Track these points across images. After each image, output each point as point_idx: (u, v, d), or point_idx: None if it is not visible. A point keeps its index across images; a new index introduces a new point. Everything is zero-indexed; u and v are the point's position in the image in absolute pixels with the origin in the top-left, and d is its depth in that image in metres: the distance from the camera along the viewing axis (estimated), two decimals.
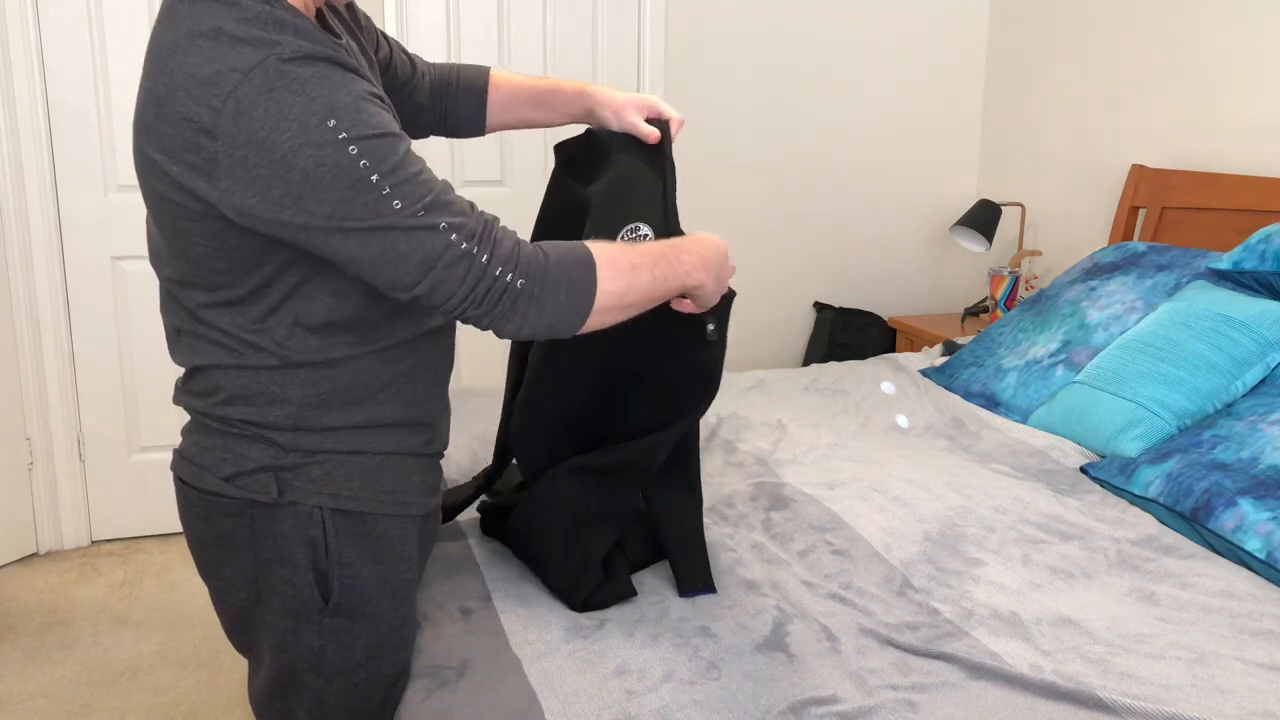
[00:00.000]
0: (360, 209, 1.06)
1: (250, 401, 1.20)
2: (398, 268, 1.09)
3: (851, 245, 3.64)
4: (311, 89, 1.04)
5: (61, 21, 2.78)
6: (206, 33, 1.06)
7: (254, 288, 1.16)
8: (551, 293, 1.15)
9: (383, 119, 1.09)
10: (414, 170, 1.09)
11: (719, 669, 1.31)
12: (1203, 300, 2.17)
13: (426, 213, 1.08)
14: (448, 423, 1.41)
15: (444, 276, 1.10)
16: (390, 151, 1.07)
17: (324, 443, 1.22)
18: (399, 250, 1.08)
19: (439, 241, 1.09)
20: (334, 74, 1.07)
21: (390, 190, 1.06)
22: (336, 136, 1.04)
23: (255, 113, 1.03)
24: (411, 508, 1.29)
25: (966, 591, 1.53)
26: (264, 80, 1.03)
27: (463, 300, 1.12)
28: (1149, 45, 2.93)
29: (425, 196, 1.09)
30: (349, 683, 1.29)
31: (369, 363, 1.23)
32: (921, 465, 2.01)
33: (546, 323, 1.17)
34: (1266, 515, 1.65)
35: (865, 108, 3.54)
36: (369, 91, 1.10)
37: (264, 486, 1.21)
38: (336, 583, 1.24)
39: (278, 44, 1.05)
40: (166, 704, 2.28)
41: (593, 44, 3.25)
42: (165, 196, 1.11)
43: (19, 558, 2.97)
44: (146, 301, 2.97)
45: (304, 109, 1.03)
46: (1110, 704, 1.24)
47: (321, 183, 1.04)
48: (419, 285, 1.11)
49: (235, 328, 1.18)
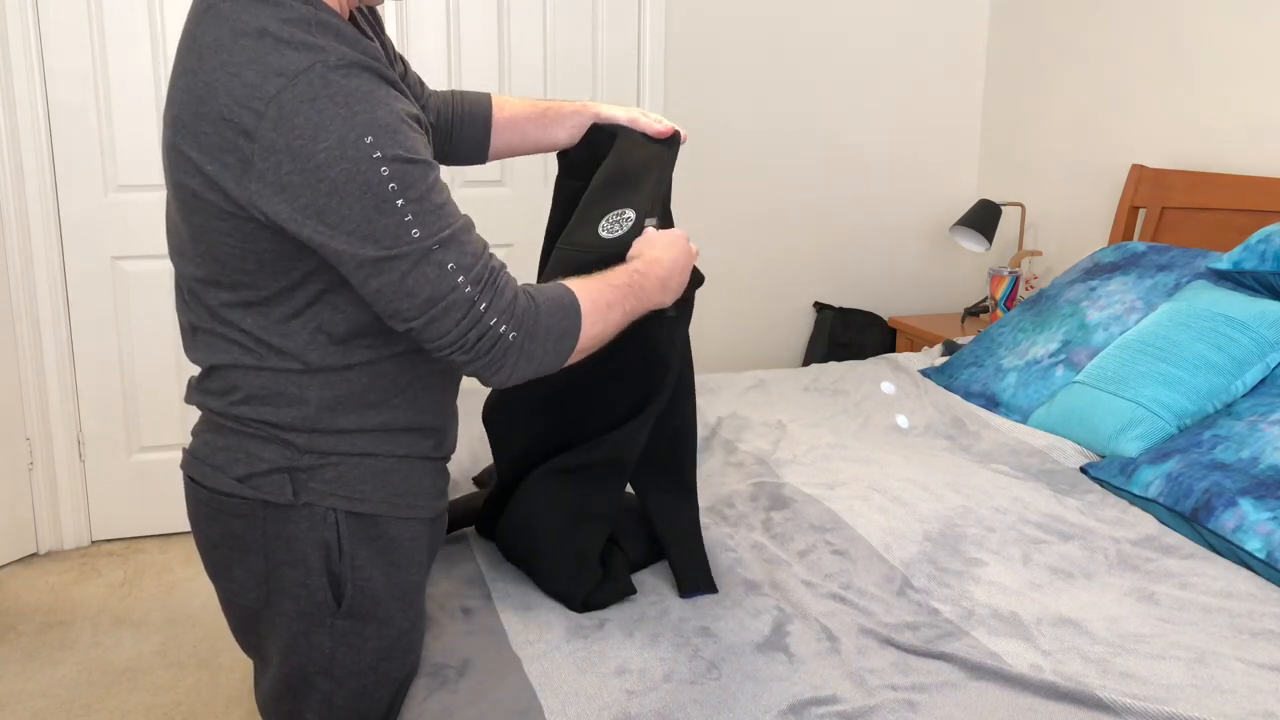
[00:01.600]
0: (380, 231, 1.07)
1: (268, 402, 1.20)
2: (402, 300, 1.10)
3: (851, 245, 3.64)
4: (355, 102, 1.05)
5: (61, 21, 2.78)
6: (251, 33, 1.05)
7: (279, 290, 1.16)
8: (540, 344, 1.18)
9: (418, 144, 1.10)
10: (438, 201, 1.10)
11: (719, 669, 1.31)
12: (1203, 300, 2.17)
13: (440, 247, 1.10)
14: (456, 427, 1.41)
15: (441, 316, 1.11)
16: (420, 178, 1.08)
17: (339, 445, 1.22)
18: (406, 285, 1.09)
19: (446, 283, 1.10)
20: (378, 89, 1.08)
21: (412, 217, 1.07)
22: (371, 155, 1.04)
23: (297, 120, 1.03)
24: (422, 510, 1.30)
25: (966, 591, 1.53)
26: (308, 88, 1.03)
27: (454, 343, 1.13)
28: (1149, 45, 2.93)
29: (444, 230, 1.10)
30: (359, 685, 1.29)
31: (386, 367, 1.23)
32: (921, 465, 2.01)
33: (530, 372, 1.19)
34: (1266, 515, 1.65)
35: (865, 107, 3.54)
36: (408, 113, 1.11)
37: (279, 488, 1.20)
38: (349, 585, 1.24)
39: (324, 50, 1.05)
40: (166, 704, 2.28)
41: (593, 46, 3.25)
42: (197, 194, 1.11)
43: (19, 558, 2.97)
44: (146, 301, 2.97)
45: (345, 122, 1.04)
46: (1110, 704, 1.24)
47: (349, 198, 1.05)
48: (416, 320, 1.12)
49: (257, 329, 1.18)
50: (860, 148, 3.57)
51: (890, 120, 3.58)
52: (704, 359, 3.53)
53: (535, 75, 3.19)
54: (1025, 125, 3.45)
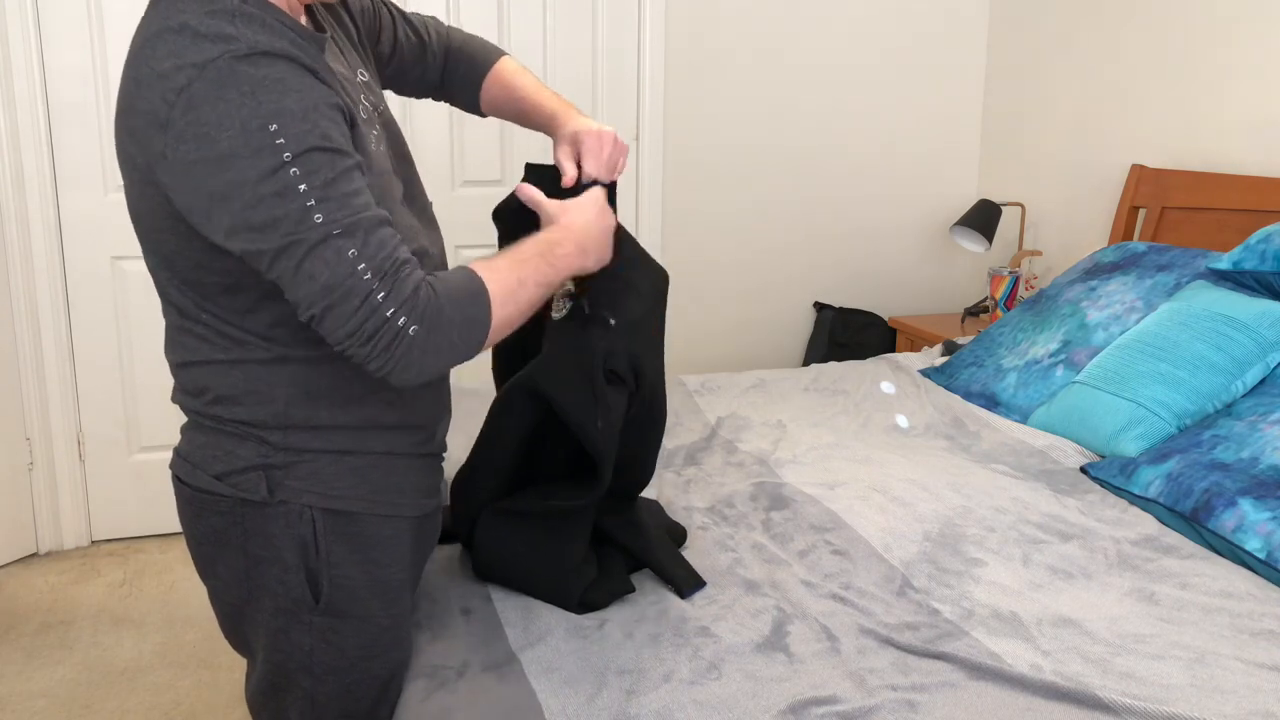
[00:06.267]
0: (282, 218, 1.05)
1: (239, 401, 1.20)
2: (302, 286, 1.07)
3: (851, 245, 3.64)
4: (262, 91, 1.04)
5: (61, 21, 2.78)
6: (174, 28, 1.07)
7: (226, 286, 1.16)
8: (445, 335, 1.12)
9: (330, 132, 1.08)
10: (347, 190, 1.08)
11: (719, 669, 1.31)
12: (1203, 300, 2.17)
13: (344, 234, 1.07)
14: (447, 424, 1.40)
15: (340, 303, 1.07)
16: (326, 165, 1.06)
17: (313, 441, 1.22)
18: (305, 268, 1.06)
19: (344, 268, 1.07)
20: (290, 76, 1.07)
21: (315, 203, 1.05)
22: (274, 142, 1.04)
23: (204, 110, 1.04)
24: (405, 508, 1.29)
25: (966, 591, 1.53)
26: (216, 77, 1.04)
27: (349, 335, 1.09)
28: (1149, 45, 2.93)
29: (349, 218, 1.07)
30: (340, 682, 1.28)
31: (354, 363, 1.23)
32: (921, 465, 2.01)
33: (439, 367, 1.14)
34: (1266, 515, 1.65)
35: (865, 108, 3.54)
36: (326, 101, 1.09)
37: (254, 485, 1.21)
38: (326, 582, 1.24)
39: (236, 39, 1.06)
40: (166, 704, 2.28)
41: (593, 44, 3.25)
42: (140, 191, 1.13)
43: (19, 558, 2.96)
44: (146, 301, 2.97)
45: (250, 111, 1.03)
46: (1110, 704, 1.24)
47: (250, 187, 1.04)
48: (316, 307, 1.08)
49: (217, 322, 1.19)
50: (860, 147, 3.57)
51: (890, 120, 3.58)
52: (704, 359, 3.53)
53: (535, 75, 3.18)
54: (1025, 125, 3.45)
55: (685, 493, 1.88)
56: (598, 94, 3.27)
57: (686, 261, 3.44)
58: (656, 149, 3.32)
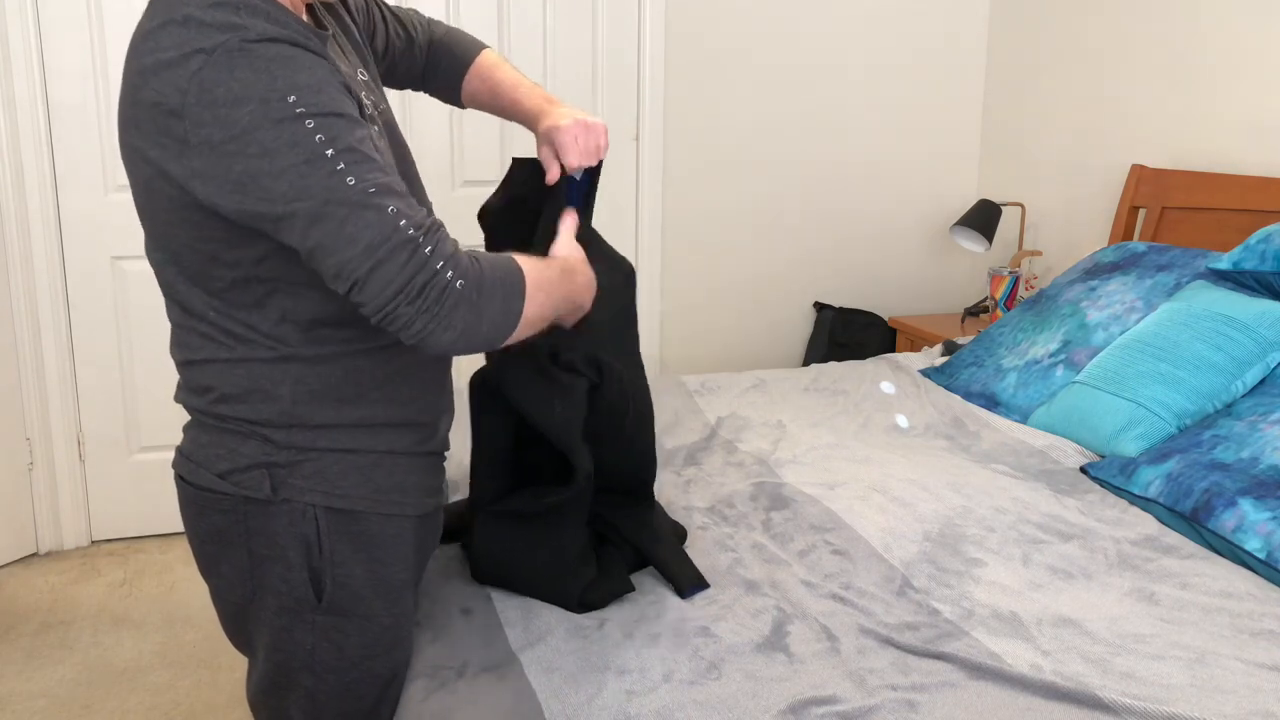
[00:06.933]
0: (314, 185, 1.05)
1: (243, 399, 1.21)
2: (346, 250, 1.06)
3: (851, 245, 3.64)
4: (275, 67, 1.05)
5: (61, 21, 2.78)
6: (178, 20, 1.07)
7: (235, 280, 1.16)
8: (490, 299, 1.12)
9: (343, 104, 1.09)
10: (370, 153, 1.09)
11: (719, 669, 1.31)
12: (1203, 300, 2.17)
13: (379, 192, 1.07)
14: (449, 422, 1.40)
15: (386, 259, 1.06)
16: (346, 131, 1.07)
17: (317, 440, 1.22)
18: (346, 231, 1.05)
19: (387, 224, 1.06)
20: (298, 55, 1.07)
21: (345, 166, 1.06)
22: (294, 111, 1.04)
23: (218, 91, 1.04)
24: (408, 507, 1.29)
25: (966, 591, 1.53)
26: (227, 59, 1.04)
27: (399, 291, 1.06)
28: (1149, 45, 2.93)
29: (380, 179, 1.08)
30: (342, 681, 1.29)
31: (361, 361, 1.23)
32: (921, 465, 2.01)
33: (484, 333, 1.13)
34: (1266, 515, 1.65)
35: (865, 107, 3.54)
36: (336, 79, 1.11)
37: (257, 483, 1.21)
38: (329, 581, 1.24)
39: (245, 27, 1.06)
40: (166, 704, 2.28)
41: (593, 44, 3.25)
42: (149, 185, 1.13)
43: (19, 558, 2.97)
44: (146, 301, 2.97)
45: (266, 86, 1.04)
46: (1110, 704, 1.24)
47: (279, 157, 1.04)
48: (361, 269, 1.06)
49: (223, 320, 1.19)
50: (860, 147, 3.57)
51: (890, 120, 3.58)
52: (704, 359, 3.53)
53: (535, 75, 3.18)
54: (1025, 125, 3.45)
55: (685, 493, 1.88)
56: (598, 94, 3.27)
57: (686, 261, 3.44)
58: (656, 149, 3.32)
